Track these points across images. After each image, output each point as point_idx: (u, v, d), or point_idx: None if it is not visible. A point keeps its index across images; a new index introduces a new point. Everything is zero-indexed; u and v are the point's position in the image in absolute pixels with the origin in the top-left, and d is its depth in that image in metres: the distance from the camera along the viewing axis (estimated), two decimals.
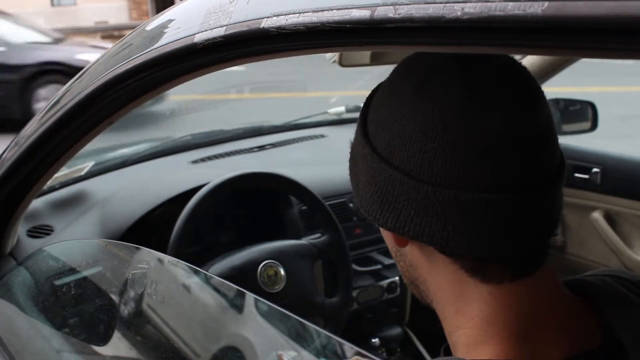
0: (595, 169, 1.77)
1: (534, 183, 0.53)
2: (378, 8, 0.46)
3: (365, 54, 1.11)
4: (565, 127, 1.86)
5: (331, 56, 1.13)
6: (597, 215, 1.80)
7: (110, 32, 15.55)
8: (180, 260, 0.82)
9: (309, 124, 2.31)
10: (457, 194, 0.52)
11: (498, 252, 0.54)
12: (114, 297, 0.93)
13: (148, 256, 0.89)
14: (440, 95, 0.53)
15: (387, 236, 0.64)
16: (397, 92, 0.57)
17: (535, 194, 0.53)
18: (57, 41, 7.43)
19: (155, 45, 0.72)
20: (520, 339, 0.55)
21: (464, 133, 0.52)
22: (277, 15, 0.55)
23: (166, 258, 0.90)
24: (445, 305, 0.60)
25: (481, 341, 0.56)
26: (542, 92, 0.57)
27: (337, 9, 0.50)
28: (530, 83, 0.57)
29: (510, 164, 0.52)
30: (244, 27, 0.59)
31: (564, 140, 0.63)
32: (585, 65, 1.34)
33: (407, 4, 0.44)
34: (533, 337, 0.55)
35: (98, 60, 0.89)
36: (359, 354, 0.56)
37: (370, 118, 0.60)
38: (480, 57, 0.55)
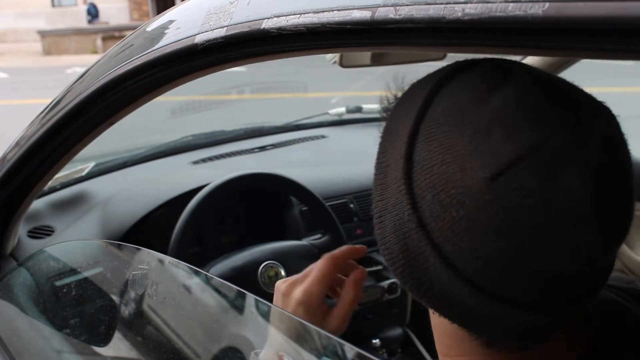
0: None
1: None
2: (379, 9, 0.46)
3: (366, 55, 1.11)
4: None
5: (332, 57, 1.13)
6: None
7: (111, 33, 15.56)
8: (180, 261, 0.82)
9: (309, 124, 2.31)
10: (493, 304, 0.47)
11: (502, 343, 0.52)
12: (115, 298, 0.93)
13: (148, 257, 0.89)
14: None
15: None
16: (451, 144, 0.45)
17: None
18: None
19: (156, 46, 0.72)
20: None
21: (526, 252, 0.44)
22: (278, 16, 0.55)
23: (167, 259, 0.90)
24: (441, 347, 0.60)
25: None
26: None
27: (338, 10, 0.50)
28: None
29: (560, 288, 0.47)
30: (244, 28, 0.59)
31: None
32: (585, 66, 1.34)
33: (407, 5, 0.44)
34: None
35: (99, 60, 0.89)
36: (359, 354, 0.56)
37: (416, 157, 0.48)
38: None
